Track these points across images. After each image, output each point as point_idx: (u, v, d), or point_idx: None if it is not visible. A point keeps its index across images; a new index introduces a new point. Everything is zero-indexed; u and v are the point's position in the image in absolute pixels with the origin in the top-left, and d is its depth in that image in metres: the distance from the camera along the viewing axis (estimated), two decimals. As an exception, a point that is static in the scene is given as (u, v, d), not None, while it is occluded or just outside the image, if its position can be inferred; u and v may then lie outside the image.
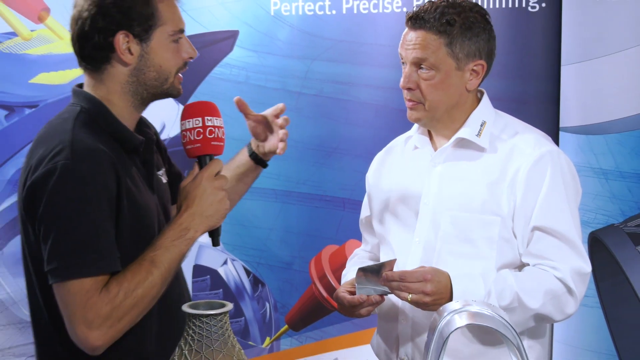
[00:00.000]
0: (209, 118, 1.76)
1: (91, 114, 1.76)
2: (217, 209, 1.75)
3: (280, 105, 2.12)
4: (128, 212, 1.72)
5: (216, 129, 1.77)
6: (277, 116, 2.09)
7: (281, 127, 2.09)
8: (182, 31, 1.82)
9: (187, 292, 2.04)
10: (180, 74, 1.84)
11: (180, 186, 1.78)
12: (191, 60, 1.86)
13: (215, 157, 1.79)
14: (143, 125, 1.89)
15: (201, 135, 1.76)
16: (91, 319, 1.61)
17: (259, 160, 2.12)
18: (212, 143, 1.77)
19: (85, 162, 1.65)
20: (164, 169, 1.98)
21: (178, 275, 1.94)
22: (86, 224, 1.63)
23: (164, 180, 1.96)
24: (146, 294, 1.66)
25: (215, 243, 1.82)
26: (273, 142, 2.09)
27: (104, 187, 1.66)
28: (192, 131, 1.76)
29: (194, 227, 1.73)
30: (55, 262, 1.63)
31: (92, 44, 1.75)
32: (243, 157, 2.13)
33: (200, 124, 1.76)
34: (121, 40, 1.74)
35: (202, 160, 1.78)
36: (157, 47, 1.77)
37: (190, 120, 1.76)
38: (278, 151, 2.09)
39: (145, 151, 1.84)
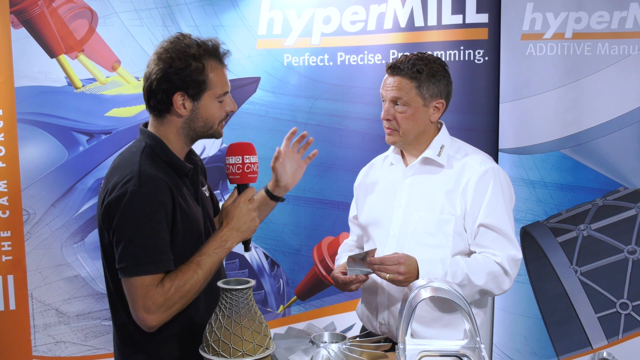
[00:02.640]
0: (247, 157, 1.75)
1: (153, 148, 1.73)
2: (250, 226, 1.74)
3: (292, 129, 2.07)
4: (180, 222, 1.68)
5: (252, 164, 1.76)
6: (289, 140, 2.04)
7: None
8: (226, 93, 1.76)
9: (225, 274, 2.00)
10: (223, 122, 1.80)
11: (222, 206, 1.76)
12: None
13: (250, 185, 1.77)
14: (191, 154, 1.86)
15: (240, 170, 1.75)
16: (149, 306, 1.59)
17: (273, 197, 2.07)
18: (249, 175, 1.76)
19: (148, 187, 1.62)
20: (206, 186, 1.94)
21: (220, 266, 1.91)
22: (148, 234, 1.61)
23: (207, 194, 1.92)
24: (192, 288, 1.63)
25: (246, 249, 1.80)
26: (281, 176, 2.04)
27: (162, 206, 1.63)
28: (234, 166, 1.75)
29: (231, 239, 1.71)
30: (124, 262, 1.61)
31: (156, 99, 1.72)
32: (261, 193, 2.07)
33: (240, 161, 1.75)
34: (178, 98, 1.70)
35: (241, 187, 1.77)
36: (205, 105, 1.72)
37: (233, 157, 1.75)
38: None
39: (192, 174, 1.80)
